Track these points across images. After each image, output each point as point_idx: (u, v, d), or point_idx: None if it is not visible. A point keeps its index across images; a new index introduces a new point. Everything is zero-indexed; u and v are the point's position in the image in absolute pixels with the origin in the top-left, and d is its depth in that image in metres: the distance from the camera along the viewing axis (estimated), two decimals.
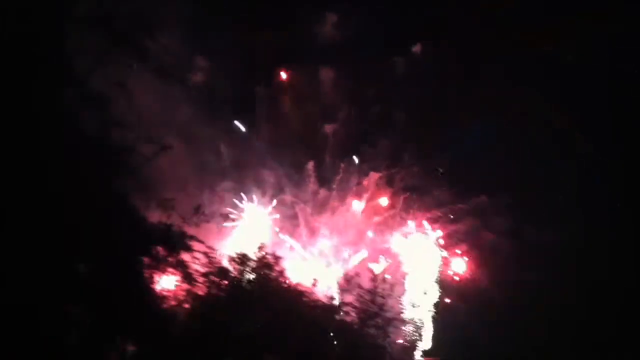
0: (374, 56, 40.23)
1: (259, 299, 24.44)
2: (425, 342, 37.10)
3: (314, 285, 27.11)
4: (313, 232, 45.75)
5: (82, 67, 17.44)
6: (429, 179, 42.50)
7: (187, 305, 22.10)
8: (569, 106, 38.38)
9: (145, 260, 19.23)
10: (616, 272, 37.92)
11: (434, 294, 41.30)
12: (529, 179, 41.48)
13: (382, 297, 28.79)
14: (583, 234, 37.87)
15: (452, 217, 42.37)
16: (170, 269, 20.94)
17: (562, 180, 40.17)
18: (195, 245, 22.52)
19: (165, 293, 20.90)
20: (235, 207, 34.76)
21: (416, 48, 41.56)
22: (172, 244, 20.89)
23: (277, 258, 25.90)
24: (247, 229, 39.21)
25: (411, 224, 43.59)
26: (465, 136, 41.82)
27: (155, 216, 20.77)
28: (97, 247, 15.98)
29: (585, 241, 37.62)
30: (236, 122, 38.79)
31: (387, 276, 30.51)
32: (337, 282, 28.34)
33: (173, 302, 21.14)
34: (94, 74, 18.26)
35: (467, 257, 42.57)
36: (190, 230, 22.56)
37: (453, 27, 39.10)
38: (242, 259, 25.06)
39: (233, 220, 25.78)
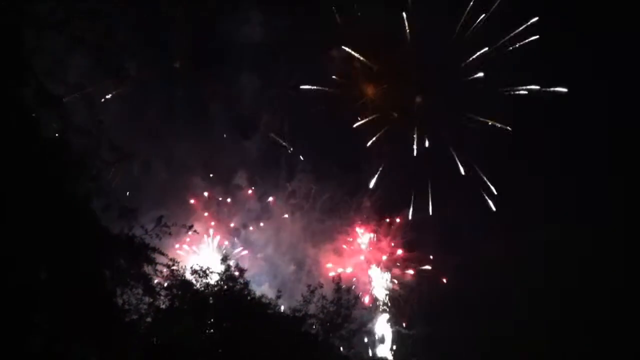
0: None
1: (223, 312, 23.98)
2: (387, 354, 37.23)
3: (277, 297, 26.73)
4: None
5: (42, 67, 16.78)
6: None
7: (149, 319, 21.39)
8: None
9: (107, 271, 18.45)
10: None
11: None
12: None
13: (347, 308, 28.78)
14: None
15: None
16: (132, 282, 20.14)
17: None
18: (158, 257, 21.82)
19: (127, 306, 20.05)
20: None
21: None
22: (135, 256, 20.13)
23: (241, 270, 25.63)
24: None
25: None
26: None
27: (116, 226, 20.01)
28: (57, 254, 15.18)
29: None
30: None
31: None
32: (301, 294, 27.99)
33: (135, 315, 20.41)
34: (53, 76, 17.60)
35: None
36: (152, 242, 21.83)
37: None
38: (205, 272, 24.62)
39: (196, 232, 25.15)
